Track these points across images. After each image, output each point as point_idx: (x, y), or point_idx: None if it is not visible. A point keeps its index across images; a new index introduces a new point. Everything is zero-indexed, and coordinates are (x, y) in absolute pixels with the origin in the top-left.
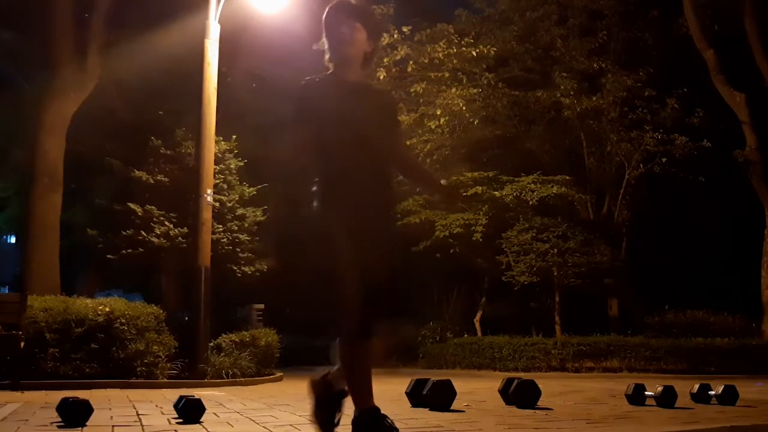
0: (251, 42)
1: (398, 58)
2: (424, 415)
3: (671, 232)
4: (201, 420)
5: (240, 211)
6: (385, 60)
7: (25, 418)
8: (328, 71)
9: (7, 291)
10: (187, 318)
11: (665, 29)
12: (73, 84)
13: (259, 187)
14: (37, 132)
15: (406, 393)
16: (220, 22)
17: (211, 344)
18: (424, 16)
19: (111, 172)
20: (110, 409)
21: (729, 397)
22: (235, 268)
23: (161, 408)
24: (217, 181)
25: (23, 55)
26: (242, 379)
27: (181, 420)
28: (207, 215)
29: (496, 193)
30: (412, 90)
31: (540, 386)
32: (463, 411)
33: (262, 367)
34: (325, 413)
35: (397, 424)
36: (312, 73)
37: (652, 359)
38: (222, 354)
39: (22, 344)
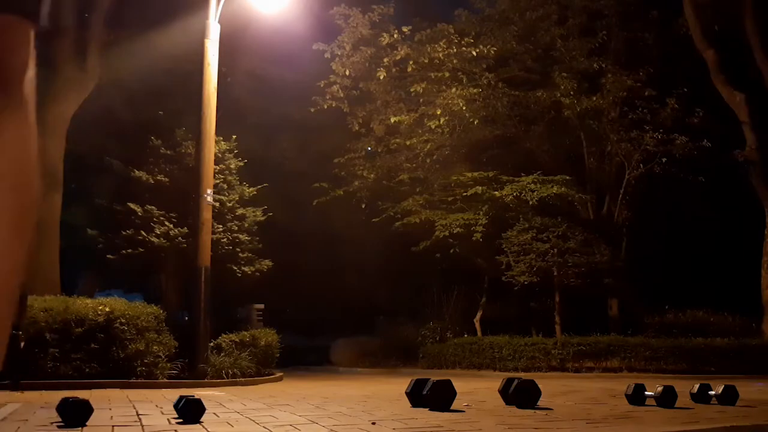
0: (251, 42)
1: (398, 58)
2: (424, 415)
3: (671, 232)
4: (201, 420)
5: (240, 211)
6: (385, 60)
7: (25, 418)
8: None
9: None
10: (187, 318)
11: (665, 29)
12: (73, 84)
13: (259, 187)
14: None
15: (406, 393)
16: (220, 22)
17: (211, 344)
18: (424, 16)
19: (111, 172)
20: (110, 409)
21: (729, 397)
22: (235, 268)
23: (161, 408)
24: (217, 181)
25: None
26: (242, 379)
27: (181, 420)
28: (207, 215)
29: (496, 193)
30: (412, 90)
31: (540, 386)
32: (463, 411)
33: (262, 367)
34: None
35: (397, 424)
36: (312, 73)
37: (652, 359)
38: (222, 354)
39: (22, 344)
